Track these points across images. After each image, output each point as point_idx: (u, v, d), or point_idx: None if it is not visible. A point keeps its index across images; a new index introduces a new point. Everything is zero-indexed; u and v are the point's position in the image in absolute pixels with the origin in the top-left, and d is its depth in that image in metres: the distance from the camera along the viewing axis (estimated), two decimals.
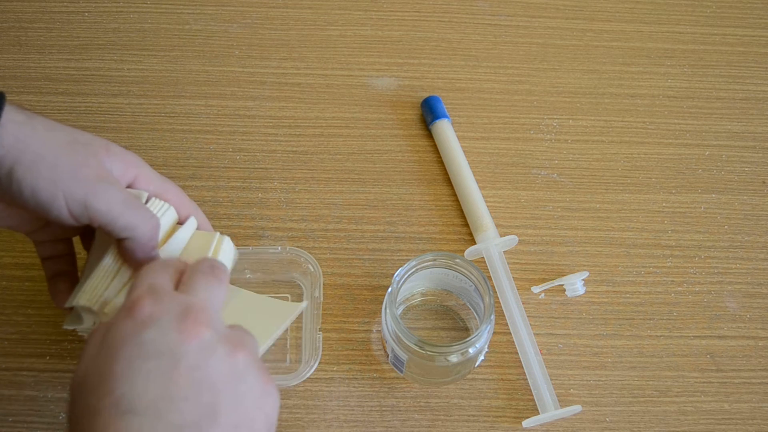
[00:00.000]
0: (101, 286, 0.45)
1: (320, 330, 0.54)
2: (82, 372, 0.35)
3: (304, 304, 0.48)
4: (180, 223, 0.48)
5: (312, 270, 0.56)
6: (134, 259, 0.44)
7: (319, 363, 0.55)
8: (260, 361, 0.37)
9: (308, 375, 0.52)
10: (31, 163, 0.39)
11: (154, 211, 0.45)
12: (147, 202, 0.46)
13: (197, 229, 0.49)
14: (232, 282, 0.49)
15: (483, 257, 0.60)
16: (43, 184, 0.39)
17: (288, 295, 0.58)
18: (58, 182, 0.40)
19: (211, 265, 0.40)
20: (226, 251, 0.48)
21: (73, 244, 0.50)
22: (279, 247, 0.57)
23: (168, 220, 0.47)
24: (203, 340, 0.35)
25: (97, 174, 0.41)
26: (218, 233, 0.49)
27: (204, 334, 0.36)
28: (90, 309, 0.44)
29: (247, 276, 0.58)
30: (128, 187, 0.45)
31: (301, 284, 0.59)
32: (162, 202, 0.47)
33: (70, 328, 0.47)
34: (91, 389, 0.34)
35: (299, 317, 0.56)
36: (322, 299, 0.55)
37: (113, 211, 0.41)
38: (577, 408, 0.53)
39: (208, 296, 0.39)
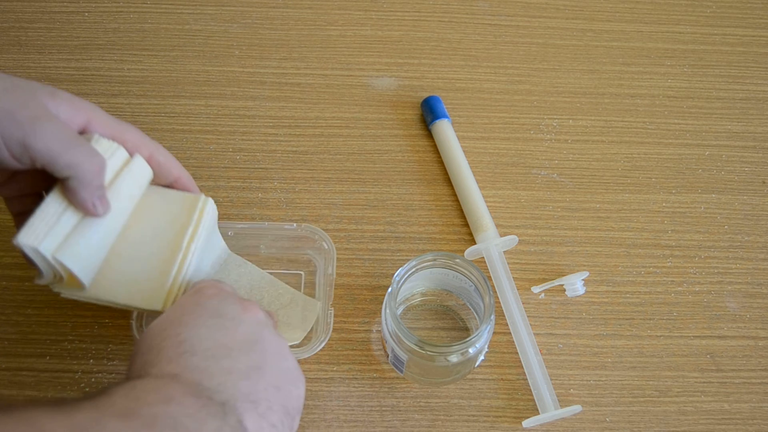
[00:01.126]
0: (42, 225, 0.43)
1: (332, 306, 0.54)
2: (155, 326, 0.41)
3: (320, 304, 0.53)
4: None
5: (326, 247, 0.57)
6: (79, 199, 0.43)
7: (320, 363, 0.55)
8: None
9: (318, 349, 0.52)
10: None
11: (101, 151, 0.44)
12: (97, 143, 0.45)
13: (160, 173, 0.49)
14: (246, 256, 0.51)
15: (483, 257, 0.60)
16: None
17: (302, 272, 0.59)
18: None
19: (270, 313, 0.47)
20: (209, 212, 0.49)
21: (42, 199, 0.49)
22: (294, 224, 0.57)
23: (118, 162, 0.46)
24: (259, 317, 0.43)
25: (35, 114, 0.40)
26: (203, 195, 0.49)
27: (260, 314, 0.43)
28: (36, 250, 0.43)
29: (262, 251, 0.59)
30: (84, 130, 0.44)
31: (314, 261, 0.59)
32: (111, 142, 0.46)
33: (40, 283, 0.46)
34: (159, 333, 0.40)
35: (311, 293, 0.57)
36: (335, 276, 0.56)
37: (53, 150, 0.40)
38: (577, 408, 0.53)
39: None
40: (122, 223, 0.47)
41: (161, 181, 0.50)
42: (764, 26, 0.80)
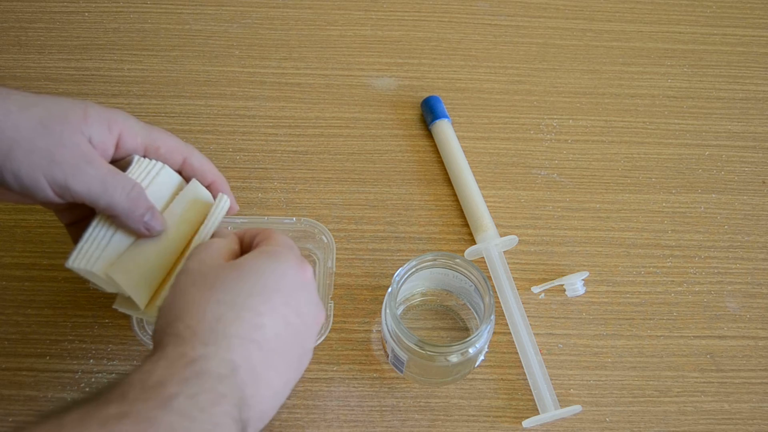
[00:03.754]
0: (93, 248, 0.44)
1: (331, 299, 0.55)
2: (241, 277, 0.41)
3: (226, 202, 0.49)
4: (180, 172, 0.48)
5: (326, 241, 0.57)
6: (130, 228, 0.44)
7: (320, 363, 0.55)
8: None
9: (318, 342, 0.53)
10: (8, 150, 0.39)
11: (144, 175, 0.45)
12: (138, 165, 0.45)
13: (194, 177, 0.49)
14: None
15: (483, 257, 0.60)
16: (24, 170, 0.40)
17: None
18: (38, 167, 0.40)
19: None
20: (223, 209, 0.49)
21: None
22: (294, 218, 0.58)
23: (164, 180, 0.46)
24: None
25: (74, 154, 0.41)
26: (223, 196, 0.49)
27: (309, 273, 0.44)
28: (90, 272, 0.43)
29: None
30: (117, 144, 0.45)
31: (314, 255, 0.59)
32: (153, 162, 0.46)
33: (120, 310, 0.47)
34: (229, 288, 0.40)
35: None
36: (334, 269, 0.56)
37: (92, 193, 0.42)
38: (577, 408, 0.53)
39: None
40: (180, 244, 0.47)
41: None
42: (764, 26, 0.80)
